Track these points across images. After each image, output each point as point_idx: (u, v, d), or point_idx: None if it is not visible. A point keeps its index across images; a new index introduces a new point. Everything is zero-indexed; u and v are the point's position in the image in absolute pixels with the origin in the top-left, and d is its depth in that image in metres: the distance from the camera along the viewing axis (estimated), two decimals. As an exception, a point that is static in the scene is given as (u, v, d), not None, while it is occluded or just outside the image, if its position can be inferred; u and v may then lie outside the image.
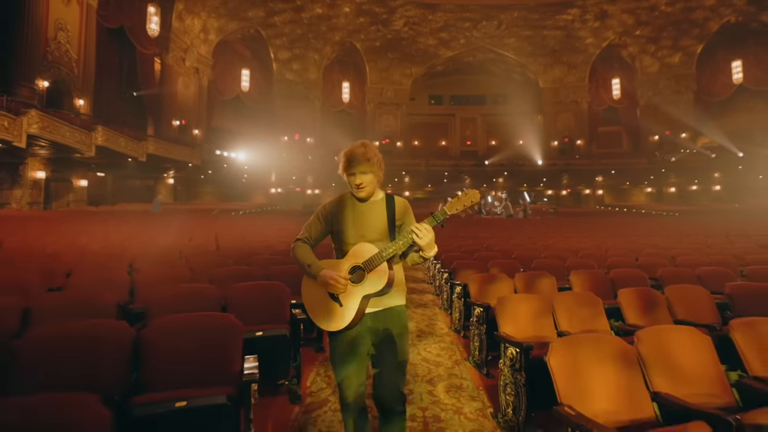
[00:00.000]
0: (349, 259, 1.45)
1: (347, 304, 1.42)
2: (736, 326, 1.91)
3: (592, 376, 1.56)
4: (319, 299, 1.46)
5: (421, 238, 1.36)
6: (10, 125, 9.13)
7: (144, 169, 17.37)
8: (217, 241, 5.73)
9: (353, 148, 1.49)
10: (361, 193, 1.49)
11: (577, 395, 1.51)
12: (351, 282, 1.42)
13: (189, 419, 1.46)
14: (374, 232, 1.49)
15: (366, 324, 1.46)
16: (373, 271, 1.41)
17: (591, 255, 4.81)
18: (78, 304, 2.22)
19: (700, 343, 1.75)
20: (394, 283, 1.46)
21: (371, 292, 1.41)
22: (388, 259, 1.42)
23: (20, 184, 12.28)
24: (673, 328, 1.85)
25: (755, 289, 2.86)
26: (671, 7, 21.42)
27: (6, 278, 2.87)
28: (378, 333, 1.46)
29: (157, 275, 3.14)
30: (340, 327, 1.41)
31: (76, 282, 2.96)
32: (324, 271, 1.42)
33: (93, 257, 4.28)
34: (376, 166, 1.49)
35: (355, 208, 1.53)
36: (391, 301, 1.48)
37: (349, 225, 1.50)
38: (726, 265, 4.04)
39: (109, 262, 3.90)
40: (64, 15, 14.00)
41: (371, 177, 1.48)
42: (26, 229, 7.09)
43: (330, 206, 1.57)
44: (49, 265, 3.62)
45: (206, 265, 3.61)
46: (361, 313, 1.42)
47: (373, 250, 1.42)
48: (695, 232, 8.42)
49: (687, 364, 1.68)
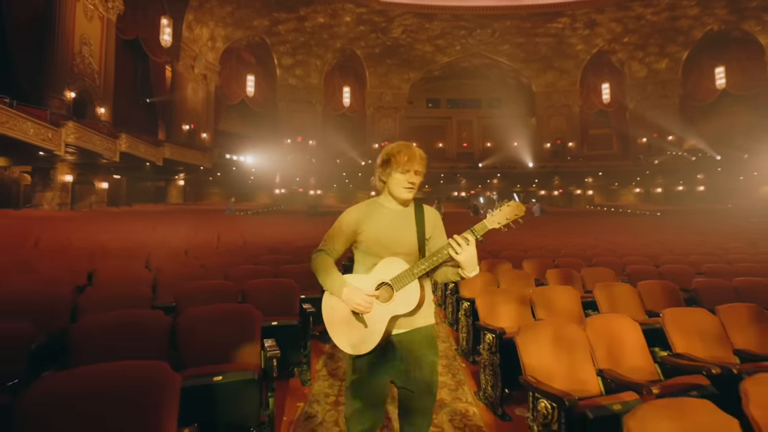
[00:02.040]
0: (375, 274, 1.33)
1: (373, 325, 1.29)
2: (666, 314, 2.33)
3: (548, 353, 1.91)
4: (341, 318, 1.34)
5: (459, 253, 1.23)
6: (53, 136, 10.32)
7: (158, 172, 18.55)
8: (244, 237, 6.89)
9: (408, 144, 1.39)
10: (410, 194, 1.37)
11: (541, 370, 1.85)
12: (378, 301, 1.30)
13: (223, 392, 1.67)
14: (402, 244, 1.36)
15: (391, 347, 1.32)
16: (403, 290, 1.28)
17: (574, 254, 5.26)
18: (121, 298, 2.59)
19: (633, 330, 2.13)
20: (425, 303, 1.34)
21: (401, 313, 1.28)
22: (426, 276, 1.31)
23: (51, 187, 13.46)
24: (614, 316, 2.20)
25: (714, 285, 3.41)
26: (657, 16, 22.50)
27: (55, 273, 3.46)
28: (405, 358, 1.32)
29: (210, 266, 4.28)
30: (364, 351, 1.29)
31: (127, 273, 3.55)
32: (347, 289, 1.30)
33: (133, 252, 5.00)
34: (425, 170, 1.40)
35: (381, 218, 1.40)
36: (419, 320, 1.35)
37: (375, 236, 1.37)
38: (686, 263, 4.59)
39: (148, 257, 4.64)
40: (88, 30, 15.14)
41: (419, 181, 1.38)
42: (71, 228, 8.23)
43: (356, 213, 1.41)
44: (96, 261, 4.34)
45: (245, 257, 4.74)
46: (387, 335, 1.29)
47: (402, 266, 1.30)
48: (662, 231, 9.57)
49: (624, 346, 2.04)
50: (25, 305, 2.37)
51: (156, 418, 1.22)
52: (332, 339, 1.35)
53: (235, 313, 2.14)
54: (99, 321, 1.94)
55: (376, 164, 1.41)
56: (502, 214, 1.26)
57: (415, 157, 1.35)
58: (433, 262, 1.27)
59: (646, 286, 3.24)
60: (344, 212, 1.45)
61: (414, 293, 1.27)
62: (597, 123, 27.91)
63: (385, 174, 1.38)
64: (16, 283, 3.02)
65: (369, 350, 1.28)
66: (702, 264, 4.52)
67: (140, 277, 3.40)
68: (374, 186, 1.46)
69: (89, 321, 1.96)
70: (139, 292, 2.74)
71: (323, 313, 1.39)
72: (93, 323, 1.93)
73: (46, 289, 2.71)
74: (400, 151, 1.36)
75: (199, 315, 2.07)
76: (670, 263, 4.59)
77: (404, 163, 1.34)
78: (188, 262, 4.44)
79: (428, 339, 1.37)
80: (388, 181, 1.38)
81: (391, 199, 1.42)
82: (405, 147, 1.37)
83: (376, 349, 1.29)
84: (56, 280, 3.15)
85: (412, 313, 1.30)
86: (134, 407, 1.22)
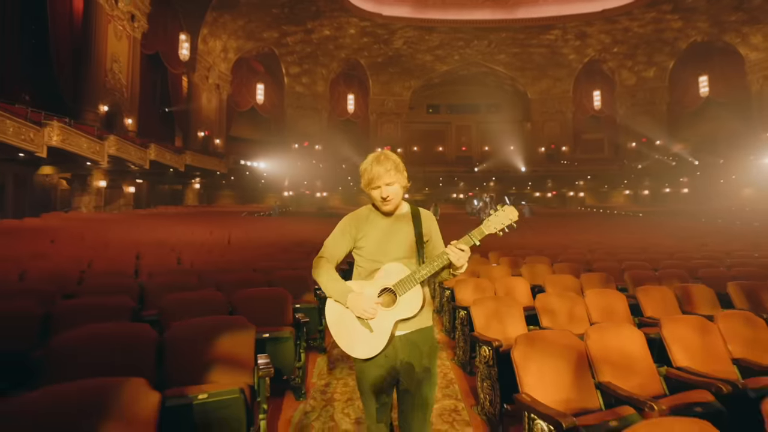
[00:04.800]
0: (378, 280, 1.37)
1: (378, 330, 1.34)
2: (664, 322, 2.24)
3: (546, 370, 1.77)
4: (346, 324, 1.38)
5: (459, 258, 1.30)
6: (99, 149, 11.87)
7: (178, 177, 20.11)
8: (280, 235, 8.36)
9: (377, 156, 1.41)
10: (388, 206, 1.40)
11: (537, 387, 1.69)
12: (381, 306, 1.34)
13: (210, 410, 1.59)
14: (401, 249, 1.41)
15: (396, 348, 1.38)
16: (405, 295, 1.33)
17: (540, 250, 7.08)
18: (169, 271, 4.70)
19: (637, 339, 2.05)
20: (425, 305, 1.40)
21: (404, 317, 1.34)
22: (427, 280, 1.37)
23: (87, 192, 15.01)
24: (615, 326, 2.11)
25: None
26: (643, 28, 23.86)
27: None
28: (408, 356, 1.38)
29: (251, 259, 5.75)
30: (371, 355, 1.34)
31: (164, 261, 5.34)
32: (352, 295, 1.35)
33: (167, 245, 6.83)
34: (401, 173, 1.41)
35: (380, 224, 1.44)
36: (420, 322, 1.40)
37: (375, 242, 1.42)
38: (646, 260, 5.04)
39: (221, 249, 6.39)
40: (117, 49, 16.67)
41: (397, 188, 1.40)
42: (123, 228, 9.73)
43: (355, 220, 1.47)
44: (140, 250, 6.20)
45: (279, 250, 6.20)
46: (392, 338, 1.35)
47: (404, 271, 1.35)
48: (634, 230, 11.00)
49: (627, 358, 1.94)
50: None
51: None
52: (338, 344, 1.40)
53: (227, 324, 2.07)
54: (75, 336, 1.82)
55: None
56: (498, 220, 1.33)
57: (383, 171, 1.37)
58: (435, 267, 1.33)
59: (642, 291, 3.25)
60: (343, 218, 1.50)
61: (417, 298, 1.34)
62: (589, 128, 29.28)
63: (364, 187, 1.43)
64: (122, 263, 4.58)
65: (375, 354, 1.34)
66: (660, 261, 5.13)
67: (178, 269, 4.74)
68: None
69: (74, 334, 1.84)
70: (184, 281, 3.45)
71: (327, 319, 1.43)
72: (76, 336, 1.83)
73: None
74: (366, 170, 1.40)
75: (188, 328, 1.99)
76: (632, 260, 5.11)
77: (372, 181, 1.38)
78: (224, 255, 5.91)
79: (428, 340, 1.42)
80: (369, 195, 1.44)
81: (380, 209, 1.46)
82: (370, 165, 1.39)
83: (382, 353, 1.35)
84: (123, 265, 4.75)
85: (414, 316, 1.36)
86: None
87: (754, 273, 4.17)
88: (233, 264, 4.89)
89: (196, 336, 1.95)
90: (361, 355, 1.36)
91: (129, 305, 2.52)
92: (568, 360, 1.88)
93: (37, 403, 1.18)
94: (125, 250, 5.95)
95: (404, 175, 1.42)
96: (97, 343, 1.76)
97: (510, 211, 1.33)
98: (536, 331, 2.09)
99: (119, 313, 2.44)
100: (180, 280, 3.54)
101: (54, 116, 10.65)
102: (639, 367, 1.98)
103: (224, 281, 3.43)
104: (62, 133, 10.38)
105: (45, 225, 9.57)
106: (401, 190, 1.42)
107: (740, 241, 7.74)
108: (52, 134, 10.08)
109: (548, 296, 2.97)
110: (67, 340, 1.75)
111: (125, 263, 4.86)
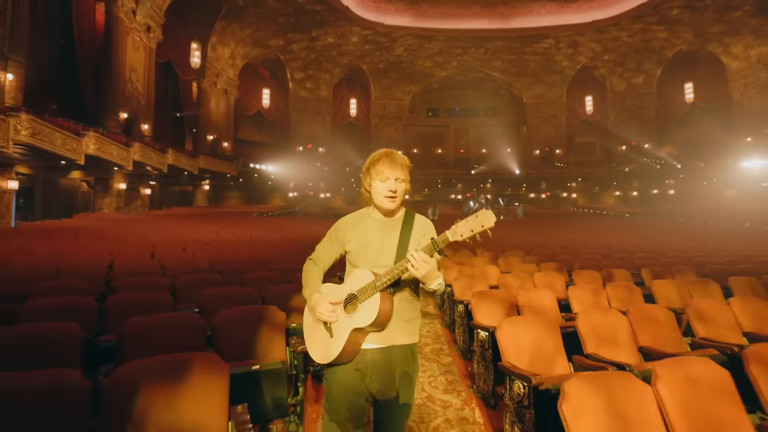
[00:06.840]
0: (348, 284, 1.34)
1: (336, 335, 1.31)
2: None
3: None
4: (312, 326, 1.40)
5: (417, 268, 1.18)
6: (126, 155, 12.94)
7: (190, 179, 21.17)
8: (297, 235, 9.46)
9: (389, 151, 1.38)
10: (391, 203, 1.35)
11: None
12: (345, 311, 1.31)
13: (262, 377, 1.83)
14: (386, 256, 1.35)
15: (367, 363, 1.30)
16: (365, 303, 1.27)
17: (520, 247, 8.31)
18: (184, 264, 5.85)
19: (621, 320, 2.46)
20: (400, 318, 1.31)
21: (360, 326, 1.26)
22: (390, 289, 1.28)
23: (109, 194, 16.06)
24: (602, 311, 2.58)
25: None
26: (631, 38, 25.09)
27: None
28: (381, 374, 1.30)
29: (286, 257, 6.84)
30: (326, 360, 1.31)
31: (184, 257, 6.57)
32: (315, 296, 1.35)
33: (187, 244, 7.92)
34: (408, 175, 1.37)
35: (369, 229, 1.39)
36: (396, 338, 1.31)
37: (360, 247, 1.38)
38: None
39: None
40: (135, 59, 17.70)
41: (404, 188, 1.36)
42: (148, 227, 10.77)
43: (345, 224, 1.44)
44: (157, 246, 7.28)
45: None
46: (351, 347, 1.28)
47: (369, 278, 1.29)
48: (618, 230, 12.15)
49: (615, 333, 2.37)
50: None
51: (215, 398, 1.39)
52: (306, 345, 1.42)
53: (263, 312, 2.32)
54: (146, 322, 2.09)
55: (362, 173, 1.40)
56: (468, 226, 1.18)
57: (396, 164, 1.34)
58: (394, 275, 1.24)
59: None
60: (336, 222, 1.47)
61: (374, 307, 1.25)
62: (582, 131, 30.49)
63: (367, 183, 1.38)
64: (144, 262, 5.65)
65: (330, 360, 1.30)
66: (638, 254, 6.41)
67: (221, 259, 5.59)
68: (363, 197, 1.43)
69: (136, 322, 2.09)
70: (214, 278, 3.72)
71: (303, 318, 1.45)
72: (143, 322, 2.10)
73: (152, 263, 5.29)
74: (380, 159, 1.35)
75: (232, 315, 2.26)
76: (617, 258, 6.87)
77: (383, 171, 1.33)
78: (252, 252, 7.03)
79: (405, 358, 1.32)
80: (372, 191, 1.37)
81: (377, 210, 1.41)
82: (385, 155, 1.36)
83: (341, 361, 1.29)
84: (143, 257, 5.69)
85: (378, 327, 1.27)
86: (199, 389, 1.39)
87: (699, 270, 4.68)
88: (262, 262, 5.16)
89: (238, 322, 2.25)
90: (318, 359, 1.35)
91: (168, 300, 2.85)
92: (543, 339, 2.23)
93: (140, 371, 1.39)
94: (172, 245, 6.99)
95: (409, 178, 1.39)
96: (160, 328, 2.08)
97: (485, 216, 1.18)
98: (515, 317, 2.43)
99: (162, 306, 2.70)
100: (212, 278, 3.76)
101: (90, 127, 11.73)
102: (622, 343, 2.38)
103: (254, 279, 3.75)
104: (97, 142, 11.46)
105: (79, 225, 10.61)
106: (405, 191, 1.38)
107: (697, 240, 8.90)
108: (89, 143, 11.16)
109: (528, 291, 3.30)
110: (137, 326, 2.06)
111: (176, 257, 5.77)
